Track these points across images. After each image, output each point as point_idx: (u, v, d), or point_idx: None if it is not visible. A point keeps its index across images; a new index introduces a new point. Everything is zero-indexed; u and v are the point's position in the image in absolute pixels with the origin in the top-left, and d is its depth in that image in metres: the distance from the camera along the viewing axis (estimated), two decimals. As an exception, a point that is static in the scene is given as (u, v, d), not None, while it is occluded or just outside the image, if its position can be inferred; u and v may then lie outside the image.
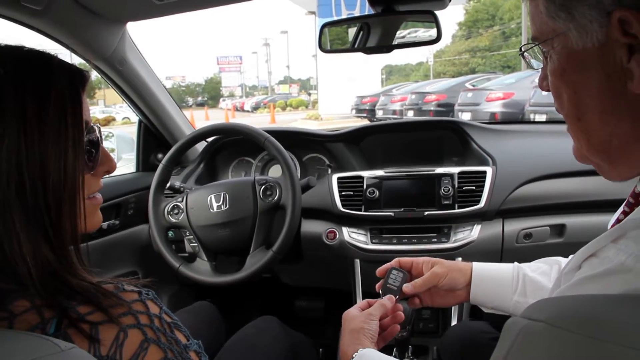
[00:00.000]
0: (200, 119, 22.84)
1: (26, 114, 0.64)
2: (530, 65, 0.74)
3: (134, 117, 2.14)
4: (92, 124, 0.75)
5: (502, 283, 1.08)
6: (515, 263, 1.12)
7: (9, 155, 0.62)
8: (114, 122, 22.54)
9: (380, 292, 1.12)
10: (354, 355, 0.94)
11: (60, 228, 0.67)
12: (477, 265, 1.13)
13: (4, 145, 0.62)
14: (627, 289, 0.49)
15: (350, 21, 1.60)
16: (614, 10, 0.56)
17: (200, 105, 51.50)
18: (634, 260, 0.50)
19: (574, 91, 0.63)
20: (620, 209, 0.70)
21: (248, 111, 37.04)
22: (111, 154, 0.82)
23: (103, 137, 0.80)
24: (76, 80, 0.72)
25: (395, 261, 1.17)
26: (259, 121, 23.16)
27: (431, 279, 1.11)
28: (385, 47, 1.48)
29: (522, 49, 0.73)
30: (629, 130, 0.60)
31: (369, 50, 1.51)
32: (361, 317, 1.04)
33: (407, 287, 1.10)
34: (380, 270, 1.15)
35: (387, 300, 1.08)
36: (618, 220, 0.67)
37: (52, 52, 0.72)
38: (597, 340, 0.40)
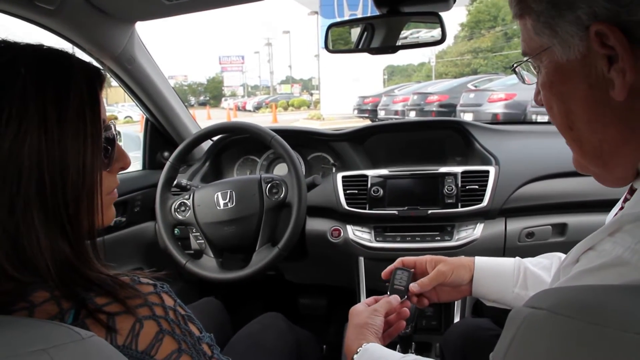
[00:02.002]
0: (202, 118, 22.80)
1: (47, 113, 0.65)
2: (522, 80, 0.78)
3: (136, 116, 2.16)
4: (108, 122, 0.77)
5: (503, 276, 1.10)
6: (517, 257, 1.13)
7: (30, 152, 0.63)
8: (116, 120, 22.46)
9: (388, 293, 1.14)
10: (358, 350, 0.95)
11: (79, 224, 0.69)
12: (479, 259, 1.14)
13: (26, 143, 0.63)
14: (623, 281, 0.51)
15: (355, 22, 1.61)
16: (591, 24, 0.60)
17: (203, 104, 51.42)
18: (631, 254, 0.52)
19: (562, 102, 0.67)
20: (618, 205, 0.72)
21: (250, 111, 36.97)
22: None
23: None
24: (94, 79, 0.73)
25: (398, 261, 1.19)
26: (261, 121, 22.96)
27: (437, 277, 1.13)
28: (390, 47, 1.50)
29: (514, 65, 0.77)
30: (617, 134, 0.63)
31: (374, 51, 1.53)
32: (366, 312, 1.05)
33: (413, 287, 1.12)
34: (385, 272, 1.17)
35: (393, 299, 1.10)
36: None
37: (70, 51, 0.74)
38: (598, 325, 0.41)
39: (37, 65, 0.67)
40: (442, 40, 1.44)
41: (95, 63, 0.76)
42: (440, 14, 1.40)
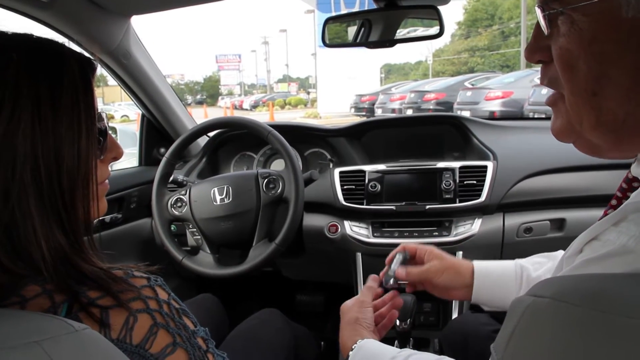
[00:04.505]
0: (199, 117, 22.64)
1: (40, 99, 0.65)
2: (547, 28, 0.61)
3: (133, 115, 2.15)
4: (99, 112, 0.76)
5: (505, 282, 1.08)
6: (517, 260, 1.11)
7: (24, 139, 0.63)
8: (113, 119, 22.52)
9: (383, 280, 1.13)
10: (353, 347, 0.94)
11: (74, 212, 0.68)
12: (478, 265, 1.12)
13: (20, 129, 0.63)
14: (628, 270, 0.50)
15: (353, 16, 1.61)
16: None
17: (199, 103, 51.51)
18: (635, 242, 0.51)
19: (599, 63, 0.56)
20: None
21: (247, 109, 36.98)
22: None
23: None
24: (86, 67, 0.72)
25: (400, 246, 1.18)
26: (258, 119, 23.04)
27: (426, 273, 1.11)
28: (388, 41, 1.49)
29: (542, 10, 0.61)
30: None
31: (372, 45, 1.52)
32: (355, 307, 1.04)
33: (400, 270, 1.11)
34: (388, 259, 1.16)
35: (371, 281, 1.09)
36: (611, 205, 0.67)
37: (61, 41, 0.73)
38: (601, 312, 0.41)
39: (29, 52, 0.67)
40: (440, 33, 1.44)
41: (87, 54, 0.75)
42: (438, 7, 1.40)
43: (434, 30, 1.46)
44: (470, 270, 1.11)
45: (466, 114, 10.81)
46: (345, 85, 21.11)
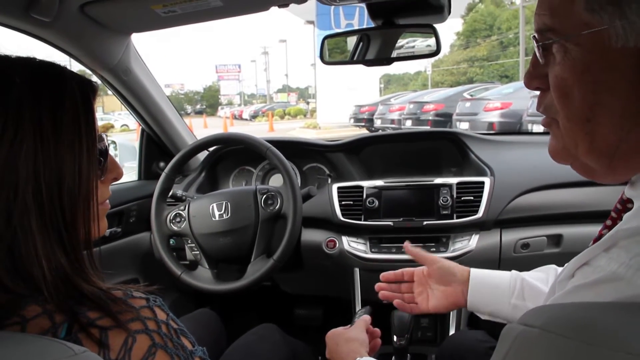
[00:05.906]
0: (198, 127, 22.84)
1: (42, 122, 0.66)
2: (541, 59, 0.64)
3: (133, 125, 2.15)
4: (100, 133, 0.77)
5: (499, 286, 1.09)
6: (513, 270, 1.12)
7: (26, 161, 0.64)
8: (113, 129, 22.57)
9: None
10: None
11: (75, 232, 0.69)
12: (474, 270, 1.14)
13: (22, 151, 0.64)
14: (618, 297, 0.50)
15: (350, 33, 1.62)
16: None
17: (199, 113, 51.57)
18: (625, 269, 0.51)
19: (592, 91, 0.58)
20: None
21: (246, 119, 37.01)
22: None
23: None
24: (87, 89, 0.74)
25: (399, 272, 1.21)
26: (258, 129, 23.10)
27: (426, 257, 1.16)
28: (385, 59, 1.50)
29: (537, 40, 0.63)
30: None
31: (369, 63, 1.54)
32: (355, 329, 1.08)
33: (407, 245, 1.20)
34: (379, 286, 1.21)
35: (366, 317, 1.16)
36: (606, 226, 0.68)
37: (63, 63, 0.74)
38: (591, 345, 0.41)
39: (31, 75, 0.68)
40: (437, 52, 1.45)
41: (88, 74, 0.76)
42: (435, 25, 1.41)
43: (432, 46, 1.47)
44: (466, 270, 1.14)
45: (465, 125, 10.82)
46: (344, 96, 21.08)
